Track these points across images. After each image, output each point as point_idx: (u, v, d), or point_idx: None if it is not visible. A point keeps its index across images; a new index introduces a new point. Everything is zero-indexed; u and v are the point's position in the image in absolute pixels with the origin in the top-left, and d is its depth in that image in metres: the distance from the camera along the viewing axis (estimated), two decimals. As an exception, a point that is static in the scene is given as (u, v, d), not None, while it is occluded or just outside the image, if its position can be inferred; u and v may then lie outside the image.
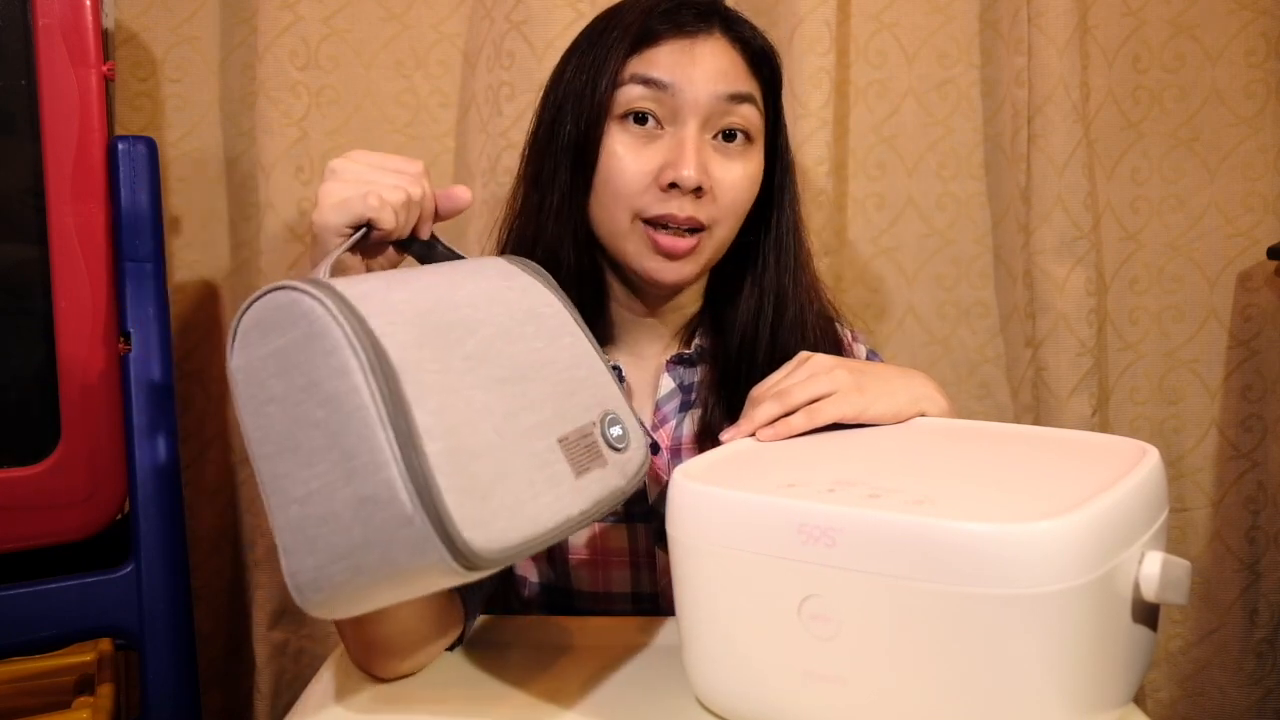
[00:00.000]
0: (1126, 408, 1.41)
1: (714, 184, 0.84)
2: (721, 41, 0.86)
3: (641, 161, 0.83)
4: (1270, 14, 1.37)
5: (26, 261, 0.99)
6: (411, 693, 0.69)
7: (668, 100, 0.83)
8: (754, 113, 0.86)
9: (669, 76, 0.83)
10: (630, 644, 0.77)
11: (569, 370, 0.66)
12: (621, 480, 0.65)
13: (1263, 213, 1.38)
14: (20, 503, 0.98)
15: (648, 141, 0.84)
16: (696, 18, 0.86)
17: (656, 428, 0.92)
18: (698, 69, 0.84)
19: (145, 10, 1.29)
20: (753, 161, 0.87)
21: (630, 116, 0.84)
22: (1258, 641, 1.40)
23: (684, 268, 0.85)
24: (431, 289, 0.62)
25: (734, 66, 0.86)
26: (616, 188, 0.84)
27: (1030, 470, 0.63)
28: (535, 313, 0.67)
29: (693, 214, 0.83)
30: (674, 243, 0.84)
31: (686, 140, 0.83)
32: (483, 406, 0.57)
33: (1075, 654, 0.53)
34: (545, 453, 0.60)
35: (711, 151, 0.84)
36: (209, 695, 1.33)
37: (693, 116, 0.83)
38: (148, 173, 1.01)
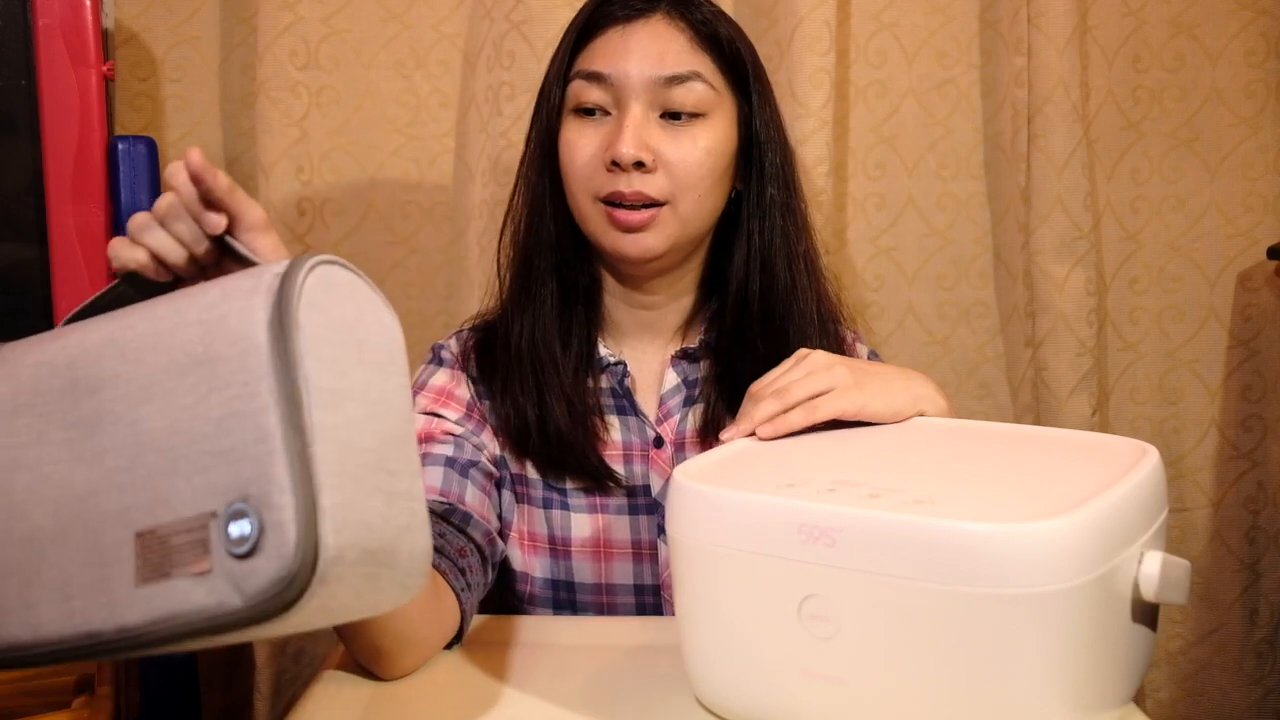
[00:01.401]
0: (1126, 408, 1.41)
1: (663, 160, 0.86)
2: (661, 24, 0.88)
3: (590, 146, 0.88)
4: (1270, 14, 1.37)
5: (26, 261, 0.99)
6: (411, 693, 0.69)
7: (611, 89, 0.87)
8: (701, 89, 0.87)
9: (606, 68, 0.87)
10: (630, 644, 0.77)
11: (208, 440, 0.49)
12: (234, 596, 0.46)
13: (1263, 213, 1.38)
14: (20, 503, 0.98)
15: (597, 127, 0.88)
16: (635, 5, 0.88)
17: (660, 422, 0.93)
18: (632, 57, 0.87)
19: (145, 10, 1.29)
20: (706, 135, 0.88)
21: (579, 110, 0.89)
22: (1258, 641, 1.40)
23: (644, 239, 0.88)
24: (100, 332, 0.54)
25: (673, 48, 0.87)
26: (572, 173, 0.89)
27: (1030, 470, 0.63)
28: (211, 358, 0.50)
29: (639, 189, 0.86)
30: (627, 216, 0.87)
31: (627, 120, 0.86)
32: (57, 484, 0.49)
33: (1075, 654, 0.53)
34: (111, 547, 0.49)
35: (658, 130, 0.87)
36: (209, 695, 1.33)
37: (634, 100, 0.87)
38: (148, 173, 1.01)
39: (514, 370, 0.91)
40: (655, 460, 0.92)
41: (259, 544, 0.46)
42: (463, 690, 0.69)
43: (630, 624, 0.84)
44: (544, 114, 0.91)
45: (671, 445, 0.92)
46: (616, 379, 0.93)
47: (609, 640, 0.78)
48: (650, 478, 0.91)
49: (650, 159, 0.86)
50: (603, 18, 0.89)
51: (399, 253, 1.34)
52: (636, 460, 0.92)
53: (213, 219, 0.61)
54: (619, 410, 0.93)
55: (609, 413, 0.93)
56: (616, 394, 0.93)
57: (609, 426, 0.92)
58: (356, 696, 0.68)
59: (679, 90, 0.87)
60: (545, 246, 0.92)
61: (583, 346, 0.93)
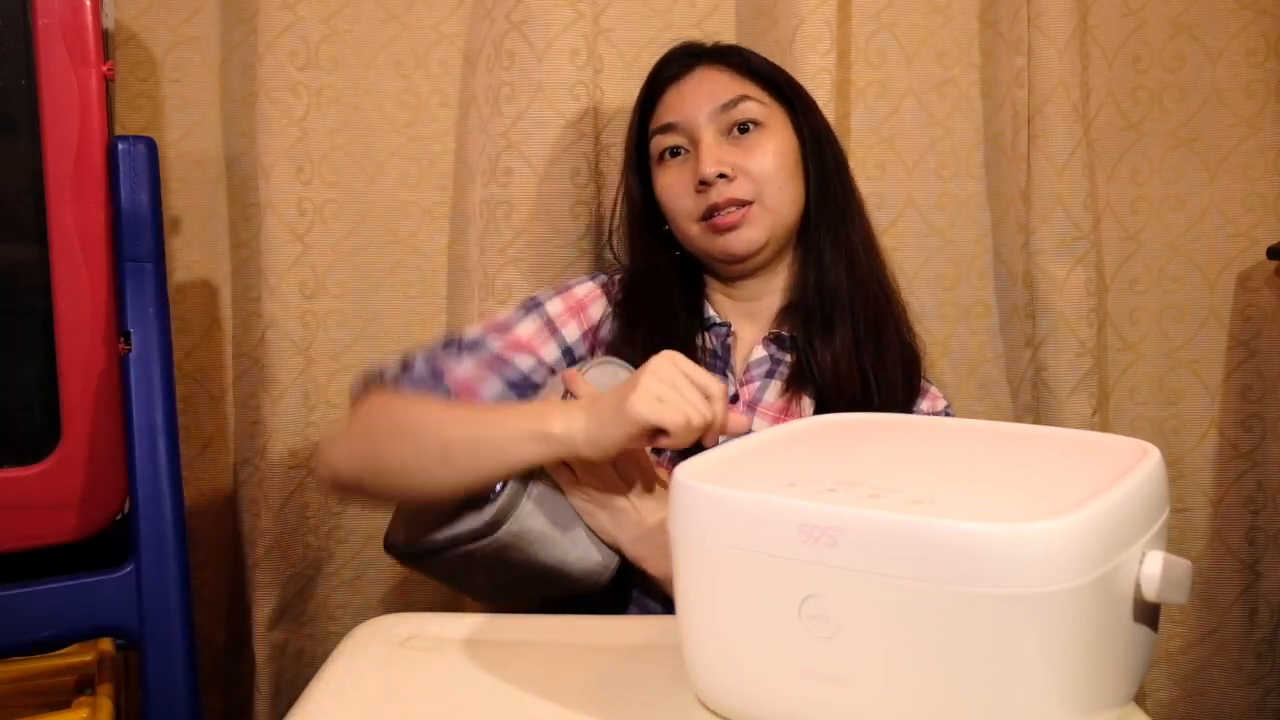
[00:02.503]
0: (1126, 408, 1.41)
1: (740, 168, 1.02)
2: (707, 70, 1.06)
3: (683, 184, 1.04)
4: (1270, 14, 1.37)
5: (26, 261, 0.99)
6: (411, 692, 0.69)
7: (682, 133, 1.05)
8: (753, 105, 1.04)
9: (674, 117, 1.05)
10: (630, 644, 0.77)
11: None
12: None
13: (1263, 213, 1.38)
14: (20, 503, 0.98)
15: (682, 164, 1.05)
16: (682, 63, 1.07)
17: (743, 384, 1.05)
18: (690, 100, 1.05)
19: (145, 10, 1.29)
20: (772, 139, 1.04)
21: (663, 156, 1.06)
22: (1258, 641, 1.40)
23: (744, 233, 1.02)
24: None
25: (722, 82, 1.05)
26: (674, 209, 1.05)
27: (1030, 470, 0.63)
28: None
29: (728, 196, 1.01)
30: (725, 220, 1.02)
31: (703, 147, 1.03)
32: None
33: (1076, 654, 0.53)
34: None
35: (730, 147, 1.03)
36: (209, 695, 1.33)
37: (704, 132, 1.03)
38: (148, 173, 1.00)
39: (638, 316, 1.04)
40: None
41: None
42: (463, 690, 0.69)
43: (630, 624, 0.84)
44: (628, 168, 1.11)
45: (745, 405, 1.03)
46: (720, 339, 1.06)
47: (609, 640, 0.78)
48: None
49: (729, 169, 1.01)
50: (660, 82, 1.08)
51: (399, 253, 1.34)
52: None
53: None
54: (712, 366, 1.05)
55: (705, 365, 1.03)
56: (715, 353, 1.06)
57: None
58: (356, 696, 0.68)
59: (735, 110, 1.03)
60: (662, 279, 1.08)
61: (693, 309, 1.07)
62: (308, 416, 1.30)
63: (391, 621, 0.81)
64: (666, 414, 0.79)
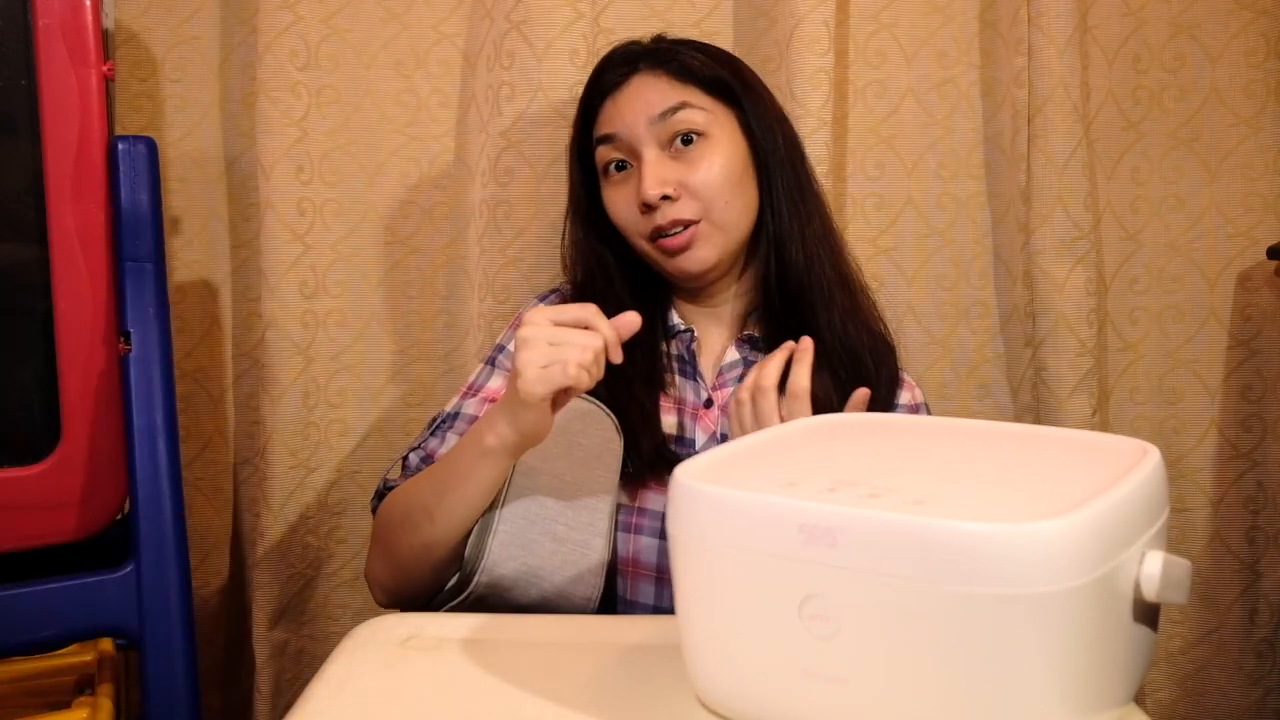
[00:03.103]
0: (1126, 408, 1.41)
1: (685, 186, 0.99)
2: (644, 76, 1.02)
3: (627, 199, 1.01)
4: (1270, 14, 1.37)
5: (26, 261, 0.99)
6: (411, 692, 0.69)
7: (623, 144, 1.01)
8: (693, 114, 1.00)
9: (613, 128, 1.02)
10: (630, 644, 0.77)
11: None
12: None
13: (1263, 213, 1.38)
14: (20, 503, 0.98)
15: (627, 180, 1.02)
16: (618, 72, 1.03)
17: (716, 389, 1.04)
18: (628, 110, 1.01)
19: (145, 10, 1.29)
20: (717, 150, 1.00)
21: (608, 169, 1.03)
22: (1258, 641, 1.40)
23: (695, 254, 1.00)
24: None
25: (659, 89, 1.01)
26: (623, 226, 1.03)
27: (1030, 470, 0.63)
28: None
29: (674, 216, 0.98)
30: (672, 242, 1.00)
31: (644, 166, 0.99)
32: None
33: (1075, 654, 0.53)
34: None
35: (671, 163, 1.00)
36: (209, 695, 1.33)
37: (643, 146, 1.00)
38: (148, 173, 1.00)
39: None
40: (703, 418, 1.02)
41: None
42: (463, 690, 0.69)
43: (630, 624, 0.84)
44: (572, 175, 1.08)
45: (719, 409, 1.02)
46: (685, 344, 1.05)
47: (609, 640, 0.78)
48: (696, 432, 1.01)
49: (672, 189, 0.98)
50: (597, 91, 1.04)
51: (399, 253, 1.34)
52: (687, 415, 1.02)
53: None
54: (681, 371, 1.04)
55: (674, 372, 1.04)
56: (682, 359, 1.05)
57: (670, 383, 1.03)
58: (356, 696, 0.68)
59: (674, 120, 0.99)
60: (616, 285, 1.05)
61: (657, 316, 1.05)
62: (308, 416, 1.30)
63: (391, 621, 0.81)
64: (557, 376, 0.80)
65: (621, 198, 1.02)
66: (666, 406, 1.01)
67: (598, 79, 1.05)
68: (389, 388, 1.35)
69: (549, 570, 0.88)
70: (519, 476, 0.91)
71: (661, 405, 1.01)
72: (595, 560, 0.89)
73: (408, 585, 0.93)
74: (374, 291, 1.34)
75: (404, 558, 0.93)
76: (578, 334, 0.82)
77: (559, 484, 0.91)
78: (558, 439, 0.92)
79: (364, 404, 1.34)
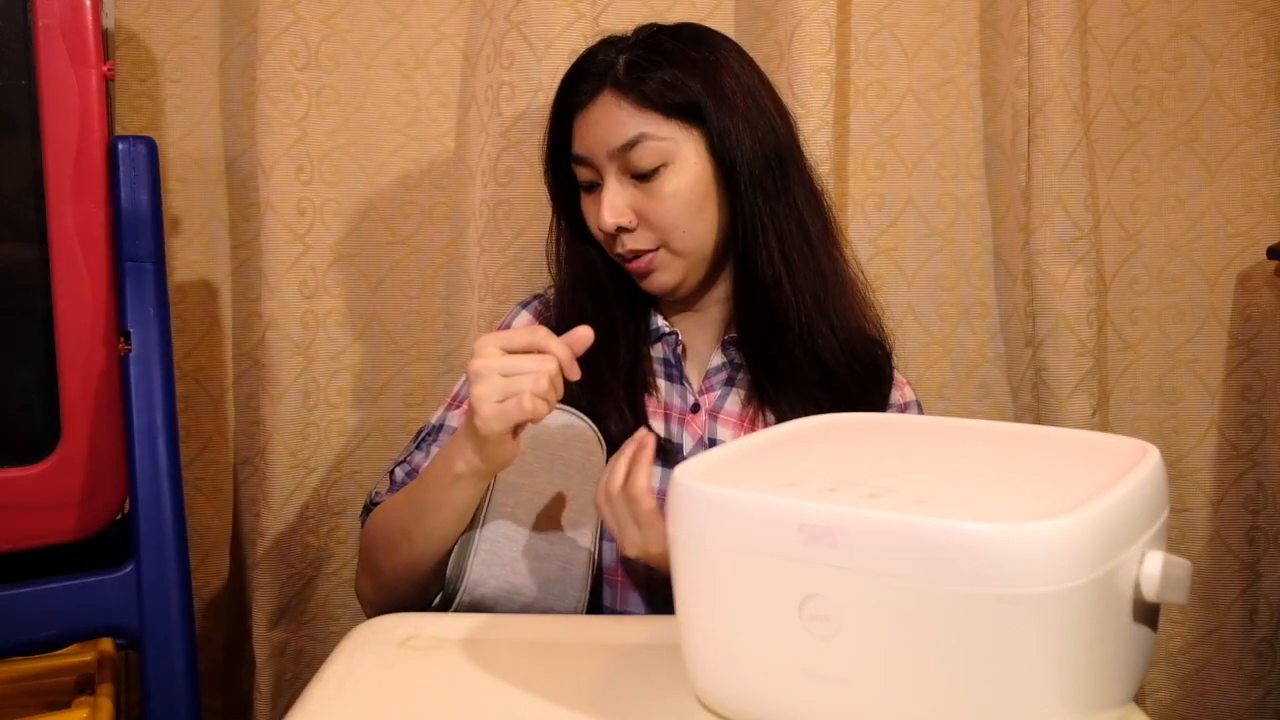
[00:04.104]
0: (1126, 408, 1.41)
1: (642, 216, 0.97)
2: (608, 99, 0.97)
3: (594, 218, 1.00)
4: (1270, 14, 1.37)
5: (26, 261, 0.99)
6: (411, 692, 0.69)
7: (590, 166, 0.99)
8: (650, 147, 0.95)
9: (581, 150, 0.99)
10: (630, 644, 0.77)
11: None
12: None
13: (1263, 213, 1.38)
14: (20, 503, 0.98)
15: (597, 198, 0.99)
16: (586, 90, 0.99)
17: (703, 393, 1.03)
18: (590, 137, 0.98)
19: (145, 10, 1.29)
20: (675, 179, 0.96)
21: (583, 186, 1.01)
22: (1258, 641, 1.40)
23: (657, 279, 0.99)
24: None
25: (619, 119, 0.96)
26: (599, 239, 1.01)
27: (1030, 470, 0.63)
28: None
29: (631, 246, 0.98)
30: (634, 266, 0.99)
31: (604, 194, 0.97)
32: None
33: (1075, 654, 0.53)
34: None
35: (632, 191, 0.97)
36: (209, 695, 1.33)
37: (607, 174, 0.97)
38: (148, 173, 1.00)
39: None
40: (690, 423, 1.01)
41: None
42: (463, 690, 0.69)
43: (630, 624, 0.84)
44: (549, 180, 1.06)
45: (707, 414, 1.01)
46: (670, 348, 1.03)
47: (609, 640, 0.78)
48: (684, 438, 1.00)
49: (629, 219, 0.96)
50: (567, 102, 1.00)
51: (399, 253, 1.34)
52: (674, 421, 1.01)
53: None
54: (667, 376, 1.03)
55: (659, 376, 1.03)
56: (668, 363, 1.03)
57: (658, 388, 1.02)
58: (356, 696, 0.68)
59: (633, 154, 0.95)
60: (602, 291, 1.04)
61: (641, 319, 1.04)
62: (308, 416, 1.30)
63: (391, 621, 0.81)
64: (513, 411, 0.79)
65: (592, 214, 1.00)
66: (654, 412, 1.01)
67: (569, 89, 1.00)
68: (389, 388, 1.35)
69: (531, 587, 0.88)
70: (499, 494, 0.90)
71: (649, 411, 1.00)
72: (578, 575, 0.89)
73: (394, 602, 0.93)
74: (374, 291, 1.34)
75: (388, 577, 0.93)
76: (530, 361, 0.80)
77: (540, 500, 0.90)
78: (538, 453, 0.92)
79: (364, 404, 1.34)
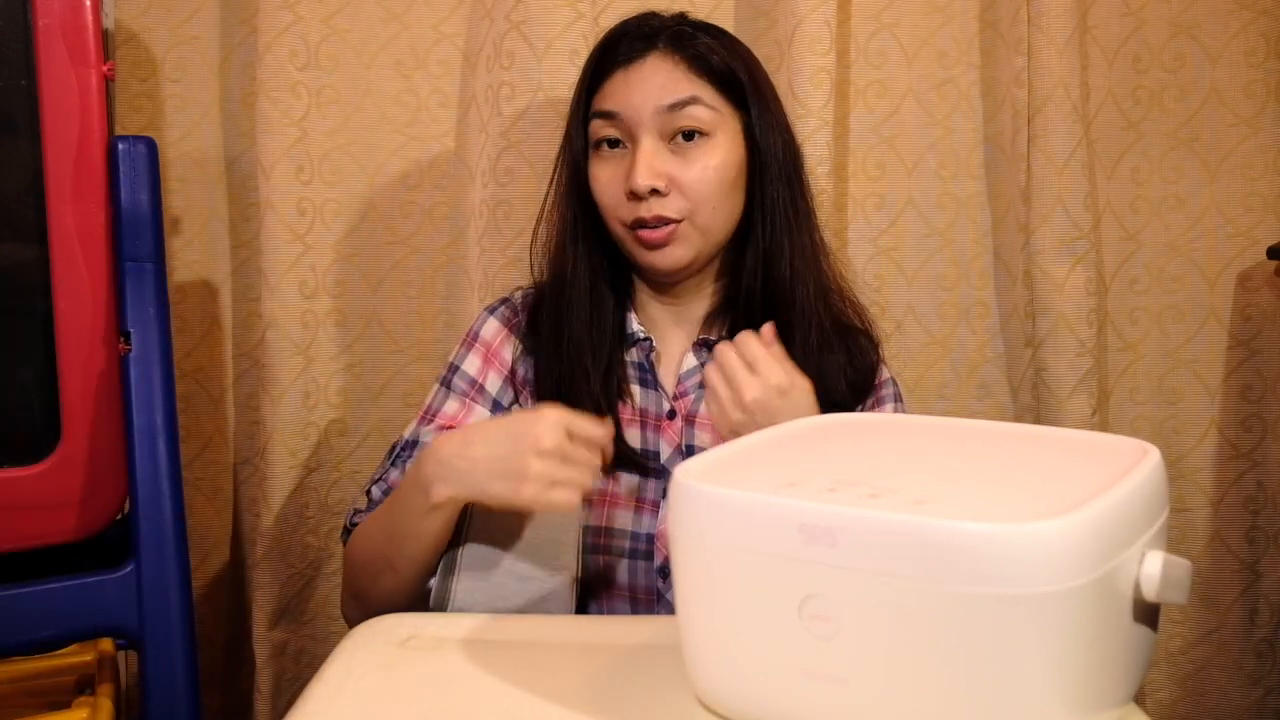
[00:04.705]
0: (1126, 408, 1.41)
1: (676, 182, 0.95)
2: (660, 58, 0.97)
3: (614, 180, 0.97)
4: (1270, 14, 1.37)
5: (26, 261, 0.99)
6: (411, 692, 0.69)
7: (622, 125, 0.96)
8: (702, 110, 0.96)
9: (615, 106, 0.97)
10: (630, 644, 0.77)
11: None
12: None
13: (1263, 213, 1.38)
14: (20, 503, 0.98)
15: (619, 160, 0.97)
16: (634, 46, 0.97)
17: (677, 398, 1.01)
18: (635, 92, 0.96)
19: (145, 10, 1.29)
20: (716, 152, 0.96)
21: (600, 144, 0.98)
22: (1258, 641, 1.40)
23: (671, 252, 0.97)
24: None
25: (672, 77, 0.96)
26: (603, 205, 0.99)
27: (1030, 470, 0.63)
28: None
29: (659, 212, 0.95)
30: (651, 235, 0.96)
31: (639, 153, 0.95)
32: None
33: (1075, 654, 0.53)
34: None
35: (670, 155, 0.96)
36: (209, 695, 1.33)
37: (643, 132, 0.95)
38: (148, 173, 1.00)
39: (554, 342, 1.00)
40: (666, 430, 1.00)
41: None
42: (462, 690, 0.69)
43: (630, 624, 0.84)
44: (568, 151, 1.02)
45: (682, 419, 1.00)
46: (644, 353, 1.02)
47: (609, 640, 0.78)
48: (660, 445, 0.99)
49: (664, 184, 0.94)
50: (609, 62, 0.98)
51: (399, 253, 1.34)
52: (650, 428, 1.00)
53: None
54: (641, 381, 1.02)
55: (632, 382, 1.02)
56: (642, 367, 1.02)
57: (632, 394, 1.01)
58: (357, 696, 0.68)
59: (681, 115, 0.95)
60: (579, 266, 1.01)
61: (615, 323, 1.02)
62: (308, 416, 1.30)
63: (391, 621, 0.81)
64: (560, 499, 0.80)
65: (608, 176, 0.97)
66: (629, 419, 1.00)
67: (612, 47, 0.98)
68: (389, 388, 1.35)
69: (514, 609, 0.88)
70: (478, 516, 0.90)
71: (624, 418, 0.99)
72: (563, 594, 0.89)
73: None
74: (374, 291, 1.34)
75: (373, 601, 0.93)
76: (586, 455, 0.82)
77: (520, 520, 0.89)
78: None
79: (364, 404, 1.34)
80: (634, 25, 0.99)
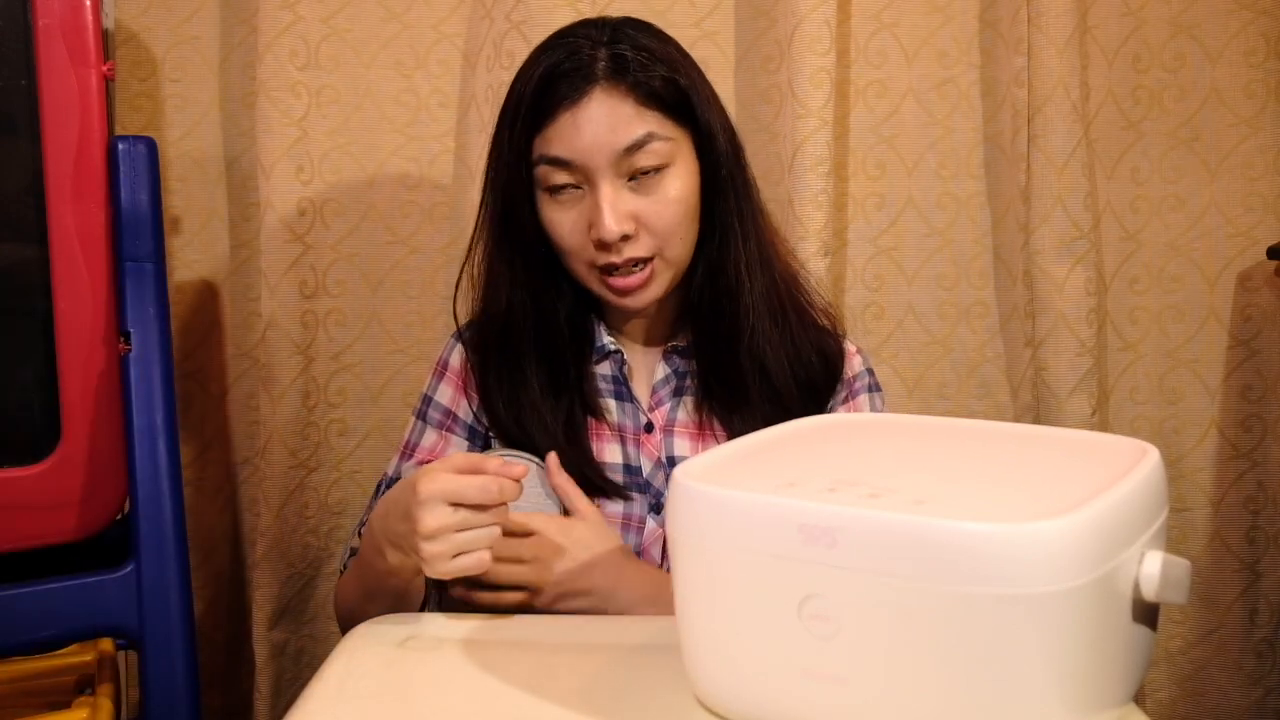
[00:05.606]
0: (1126, 408, 1.41)
1: (642, 221, 0.90)
2: (604, 95, 0.89)
3: (576, 226, 0.91)
4: (1270, 14, 1.37)
5: (26, 261, 0.99)
6: (411, 692, 0.69)
7: (576, 171, 0.90)
8: (658, 144, 0.89)
9: (566, 153, 0.89)
10: (630, 644, 0.77)
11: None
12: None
13: (1263, 213, 1.38)
14: (20, 503, 0.98)
15: (576, 202, 0.91)
16: (574, 84, 0.89)
17: (653, 409, 0.99)
18: (586, 136, 0.88)
19: (145, 10, 1.29)
20: (674, 181, 0.91)
21: (551, 190, 0.91)
22: (1258, 641, 1.40)
23: (646, 293, 0.93)
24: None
25: (623, 116, 0.89)
26: (564, 249, 0.93)
27: (1030, 470, 0.63)
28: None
29: (630, 255, 0.90)
30: (624, 282, 0.92)
31: (601, 200, 0.89)
32: None
33: (1075, 654, 0.53)
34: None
35: (630, 195, 0.90)
36: (209, 695, 1.33)
37: (602, 178, 0.89)
38: (148, 173, 1.00)
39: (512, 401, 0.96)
40: (645, 444, 0.98)
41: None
42: (462, 690, 0.69)
43: (630, 624, 0.84)
44: (502, 190, 0.94)
45: (661, 431, 0.98)
46: (616, 367, 0.99)
47: (609, 640, 0.78)
48: (640, 459, 0.97)
49: (632, 227, 0.90)
50: (549, 102, 0.89)
51: (399, 253, 1.34)
52: (629, 443, 0.98)
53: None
54: (616, 395, 0.99)
55: (607, 396, 0.99)
56: (616, 380, 0.99)
57: (607, 409, 0.98)
58: (356, 697, 0.68)
59: (639, 155, 0.89)
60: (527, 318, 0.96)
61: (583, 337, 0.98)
62: (308, 416, 1.30)
63: (391, 622, 0.81)
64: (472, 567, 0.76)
65: (570, 222, 0.91)
66: (609, 436, 0.97)
67: (549, 86, 0.89)
68: (389, 388, 1.35)
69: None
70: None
71: (603, 435, 0.97)
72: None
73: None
74: (374, 291, 1.34)
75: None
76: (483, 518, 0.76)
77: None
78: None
79: (364, 404, 1.34)
80: (565, 59, 0.89)
